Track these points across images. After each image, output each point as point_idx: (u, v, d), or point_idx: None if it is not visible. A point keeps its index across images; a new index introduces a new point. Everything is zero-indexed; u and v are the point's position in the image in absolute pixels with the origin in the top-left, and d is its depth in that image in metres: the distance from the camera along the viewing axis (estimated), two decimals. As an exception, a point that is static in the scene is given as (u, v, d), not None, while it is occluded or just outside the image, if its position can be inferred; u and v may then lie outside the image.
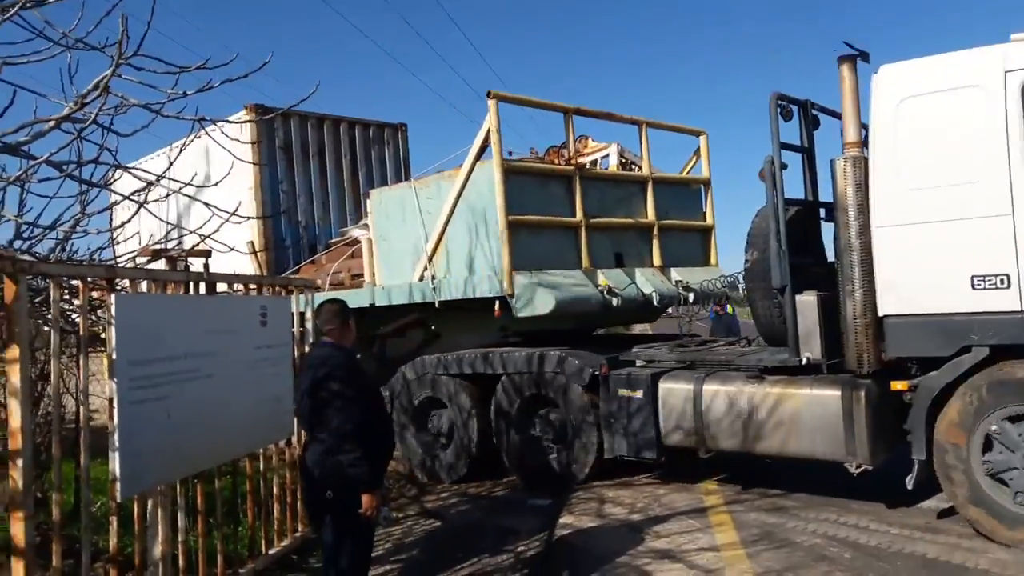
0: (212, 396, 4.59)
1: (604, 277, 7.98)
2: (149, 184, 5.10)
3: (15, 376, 3.58)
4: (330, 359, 4.09)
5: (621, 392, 7.08)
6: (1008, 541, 5.34)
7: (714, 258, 9.82)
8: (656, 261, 8.88)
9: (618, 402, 7.08)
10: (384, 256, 8.76)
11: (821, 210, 7.14)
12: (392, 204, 8.67)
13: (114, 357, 3.88)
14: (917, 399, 5.70)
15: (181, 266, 4.91)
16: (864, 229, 5.88)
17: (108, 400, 3.91)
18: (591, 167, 9.35)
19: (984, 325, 5.43)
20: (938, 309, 5.61)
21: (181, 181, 5.09)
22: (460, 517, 6.91)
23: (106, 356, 3.99)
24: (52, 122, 4.18)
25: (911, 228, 5.68)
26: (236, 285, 5.62)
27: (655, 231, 8.91)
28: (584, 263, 8.03)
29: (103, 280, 4.30)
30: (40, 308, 4.70)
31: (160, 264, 4.86)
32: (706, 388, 6.70)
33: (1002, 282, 5.35)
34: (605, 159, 9.83)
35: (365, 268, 9.04)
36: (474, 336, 9.17)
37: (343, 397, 3.95)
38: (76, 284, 4.38)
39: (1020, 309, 5.31)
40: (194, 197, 5.32)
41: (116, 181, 5.96)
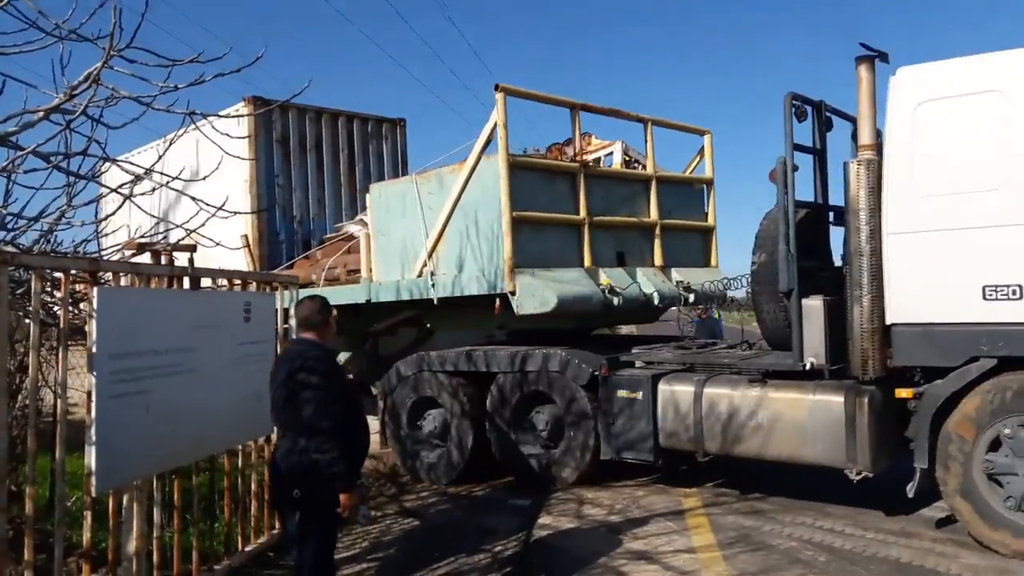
0: (193, 391, 4.58)
1: (606, 276, 7.88)
2: (137, 177, 5.10)
3: (-8, 367, 3.57)
4: (308, 354, 4.00)
5: (620, 393, 7.01)
6: (985, 539, 5.35)
7: (714, 259, 9.72)
8: (658, 261, 8.79)
9: (617, 403, 7.01)
10: (383, 251, 8.64)
11: (830, 214, 7.05)
12: (393, 198, 8.56)
13: (94, 350, 3.88)
14: (922, 407, 5.64)
15: (165, 260, 4.90)
16: (875, 234, 5.79)
17: (87, 393, 3.90)
18: (595, 165, 9.26)
19: (994, 336, 5.36)
20: (948, 319, 5.53)
21: (170, 175, 5.08)
22: (439, 516, 6.91)
23: (86, 349, 3.99)
24: (41, 113, 4.16)
25: (924, 235, 5.59)
26: (220, 280, 5.62)
27: (657, 231, 8.83)
28: (586, 261, 7.94)
29: (86, 273, 4.29)
30: (22, 300, 4.69)
31: (145, 258, 4.85)
32: (707, 391, 6.62)
33: (1014, 293, 5.28)
34: (609, 157, 9.74)
35: (362, 263, 8.92)
36: (469, 334, 9.10)
37: (320, 390, 3.84)
38: (59, 276, 4.37)
39: None
40: (182, 191, 5.30)
41: (104, 174, 5.94)
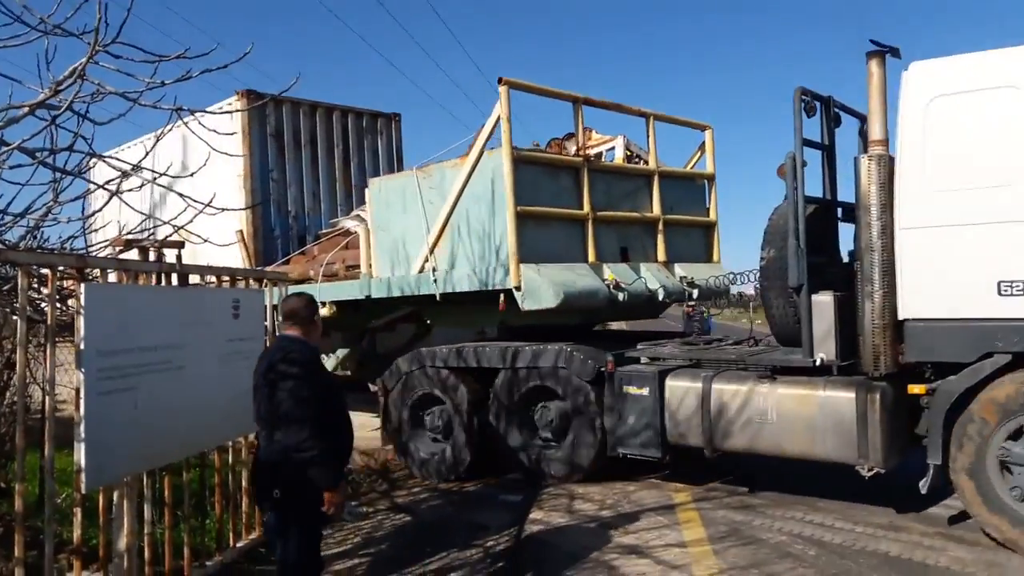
0: (182, 388, 4.57)
1: (611, 271, 7.85)
2: (124, 173, 5.06)
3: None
4: (290, 348, 3.92)
5: (627, 389, 6.98)
6: (983, 523, 5.37)
7: (716, 255, 9.71)
8: (661, 256, 8.77)
9: (623, 399, 6.98)
10: (382, 247, 8.57)
11: (838, 210, 7.03)
12: (392, 193, 8.48)
13: (82, 347, 3.86)
14: (935, 403, 5.60)
15: (154, 257, 4.87)
16: (886, 229, 5.76)
17: (75, 390, 3.89)
18: (597, 159, 9.18)
19: (1010, 332, 5.32)
20: (962, 314, 5.49)
21: (157, 171, 5.05)
22: (431, 512, 6.89)
23: (74, 346, 3.97)
24: (26, 108, 4.13)
25: (937, 231, 5.54)
26: (209, 277, 5.59)
27: (660, 226, 8.80)
28: (591, 257, 7.89)
29: (73, 269, 4.26)
30: (8, 296, 4.65)
31: (133, 254, 4.82)
32: (715, 387, 6.57)
33: None
34: (610, 152, 9.70)
35: (361, 259, 8.86)
36: (468, 331, 9.06)
37: (299, 382, 3.75)
38: (46, 273, 4.34)
39: None
40: (169, 187, 5.27)
41: (91, 169, 5.89)
